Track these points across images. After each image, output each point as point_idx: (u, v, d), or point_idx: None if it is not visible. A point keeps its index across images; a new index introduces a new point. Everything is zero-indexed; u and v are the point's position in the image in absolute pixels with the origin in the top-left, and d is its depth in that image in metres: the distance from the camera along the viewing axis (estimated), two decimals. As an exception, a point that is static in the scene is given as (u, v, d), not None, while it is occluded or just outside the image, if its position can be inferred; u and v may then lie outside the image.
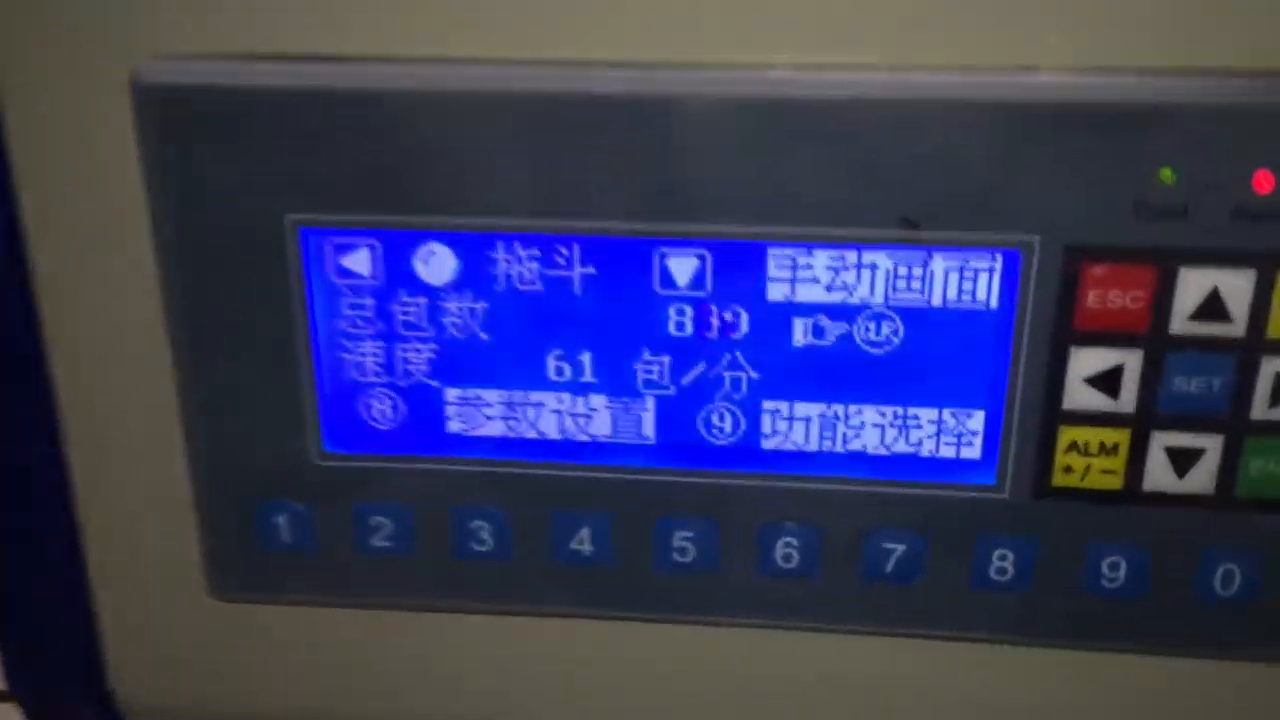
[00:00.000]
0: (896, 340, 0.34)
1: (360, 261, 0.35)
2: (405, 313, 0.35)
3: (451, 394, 0.36)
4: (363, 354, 0.36)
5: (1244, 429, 0.34)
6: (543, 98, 0.32)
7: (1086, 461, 0.34)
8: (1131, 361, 0.33)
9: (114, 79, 0.33)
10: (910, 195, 0.32)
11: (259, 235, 0.34)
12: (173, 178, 0.34)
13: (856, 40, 0.32)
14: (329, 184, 0.33)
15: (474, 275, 0.34)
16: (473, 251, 0.34)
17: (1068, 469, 0.35)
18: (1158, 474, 0.34)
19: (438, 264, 0.34)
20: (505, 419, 0.36)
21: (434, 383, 0.36)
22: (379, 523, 0.37)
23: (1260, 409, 0.33)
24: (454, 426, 0.36)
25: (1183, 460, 0.34)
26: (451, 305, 0.35)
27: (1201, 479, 0.34)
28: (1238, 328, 0.33)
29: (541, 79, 0.32)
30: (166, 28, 0.33)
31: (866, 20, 0.32)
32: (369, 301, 0.35)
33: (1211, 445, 0.34)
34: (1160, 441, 0.34)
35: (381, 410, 0.36)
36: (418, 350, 0.35)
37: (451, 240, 0.34)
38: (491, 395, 0.36)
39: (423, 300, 0.35)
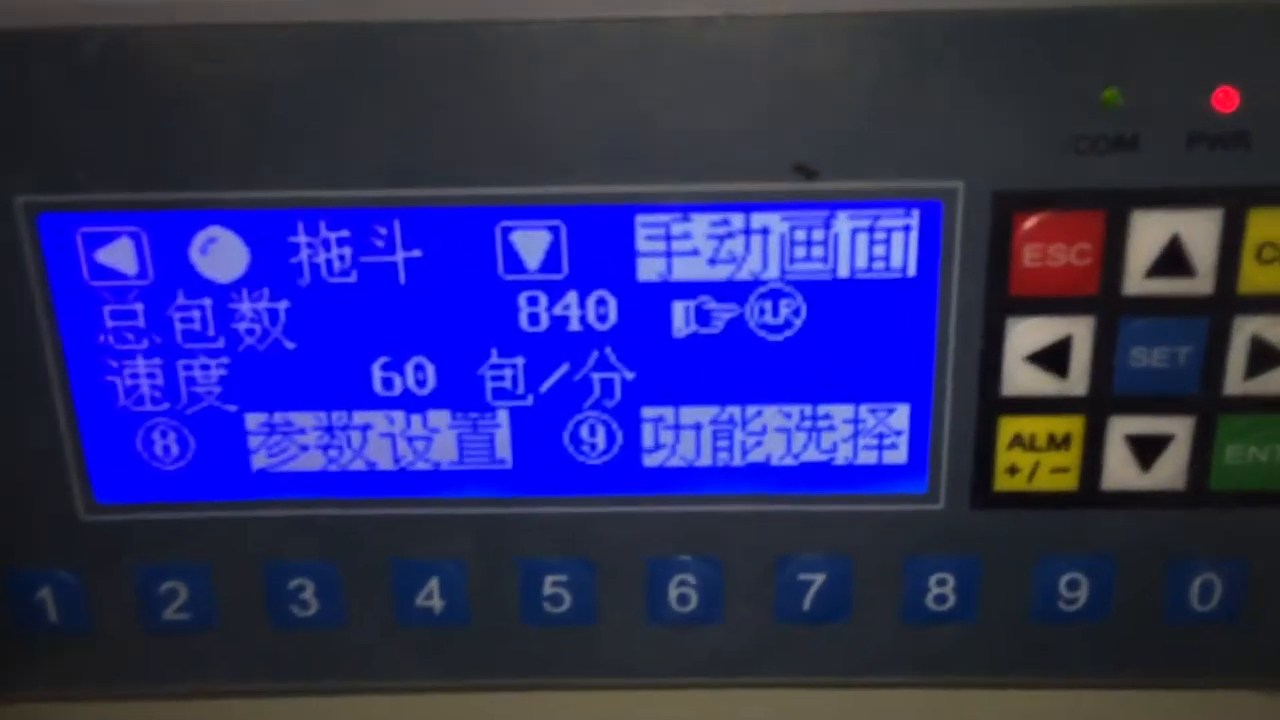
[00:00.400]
0: (798, 322, 0.30)
1: (121, 255, 0.29)
2: (185, 319, 0.30)
3: (253, 420, 0.31)
4: (134, 375, 0.31)
5: (1216, 406, 0.30)
6: (339, 28, 0.27)
7: (1034, 459, 0.31)
8: (1081, 332, 0.30)
9: None
10: (804, 136, 0.28)
11: None
12: None
13: None
14: (72, 154, 0.28)
15: (270, 267, 0.30)
16: (266, 236, 0.29)
17: (1012, 469, 0.31)
18: (1119, 469, 0.31)
19: (222, 254, 0.29)
20: (324, 448, 0.31)
21: (230, 407, 0.31)
22: (171, 589, 0.32)
23: (1235, 382, 0.30)
24: (260, 461, 0.32)
25: (1147, 450, 0.31)
26: (244, 307, 0.30)
27: (1170, 472, 0.31)
28: (1204, 283, 0.29)
29: (343, 6, 0.27)
30: None
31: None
32: (137, 306, 0.30)
33: (1180, 430, 0.31)
34: (1120, 429, 0.31)
35: (164, 446, 0.31)
36: (205, 366, 0.31)
37: (237, 222, 0.29)
38: (304, 419, 0.31)
39: (207, 302, 0.30)
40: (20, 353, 0.30)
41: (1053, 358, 0.30)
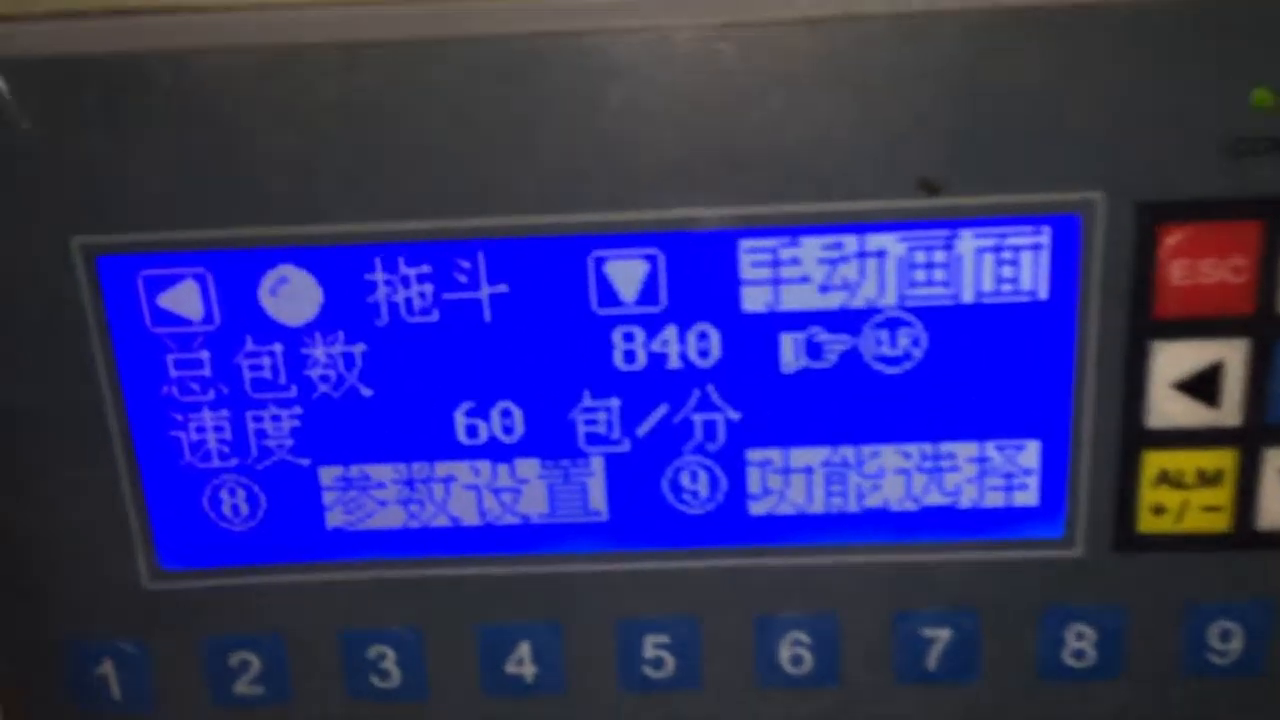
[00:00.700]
0: (918, 353, 0.28)
1: (186, 299, 0.28)
2: (255, 366, 0.29)
3: (328, 475, 0.30)
4: (200, 429, 0.29)
5: (1391, 436, 0.28)
6: (418, 47, 0.26)
7: (1182, 496, 0.29)
8: (1234, 356, 0.28)
9: None
10: (924, 148, 0.26)
11: (37, 268, 0.28)
12: None
13: None
14: (132, 191, 0.27)
15: (345, 307, 0.28)
16: (340, 274, 0.28)
17: (1158, 509, 0.29)
18: (1277, 507, 0.29)
19: (294, 295, 0.28)
20: (404, 503, 0.30)
21: (302, 461, 0.30)
22: (242, 660, 0.31)
23: None
24: (335, 519, 0.30)
25: (1311, 485, 0.29)
26: (317, 351, 0.29)
27: (1336, 508, 0.29)
28: (1375, 297, 0.27)
29: (414, 21, 0.26)
30: None
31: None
32: (203, 354, 0.29)
33: (1347, 461, 0.29)
34: (1277, 462, 0.29)
35: (233, 505, 0.30)
36: (276, 418, 0.29)
37: (310, 261, 0.28)
38: (383, 472, 0.30)
39: (277, 347, 0.29)
40: (79, 407, 0.29)
41: (1203, 385, 0.28)
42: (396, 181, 0.27)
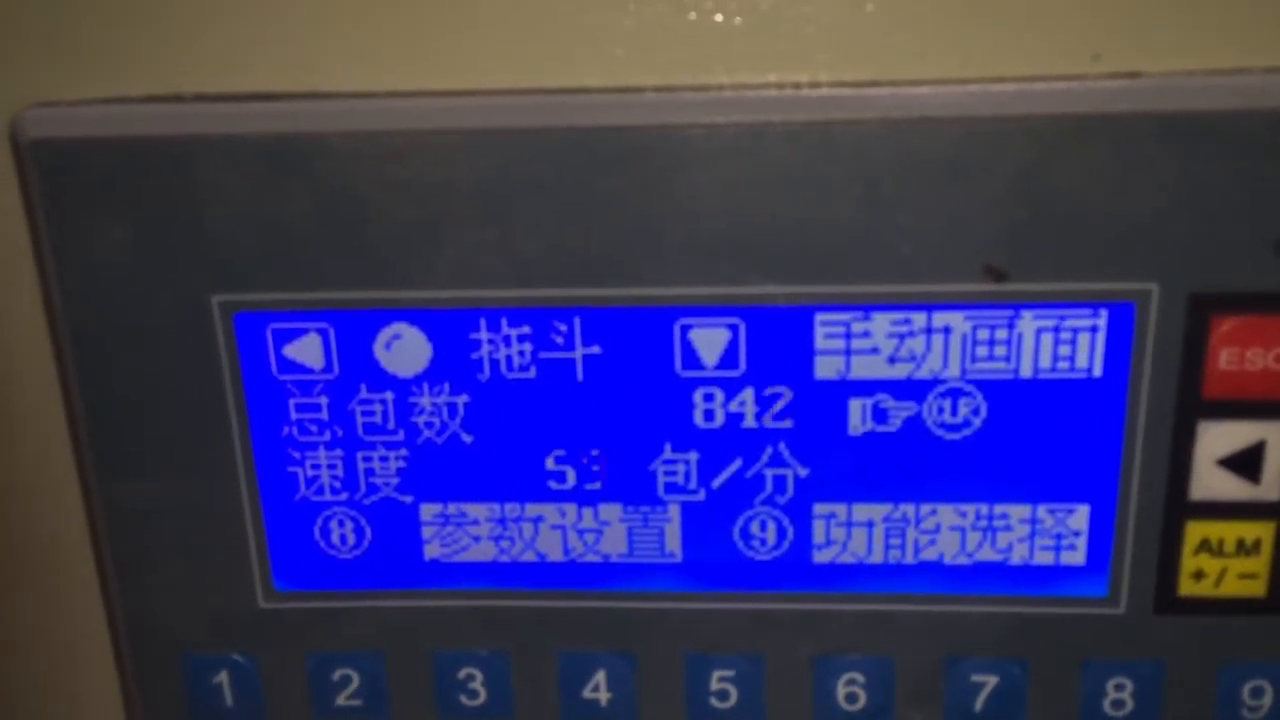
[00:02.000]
0: (977, 421, 0.29)
1: (309, 351, 0.30)
2: (367, 412, 0.30)
3: (428, 511, 0.31)
4: (315, 466, 0.31)
5: None
6: (528, 135, 0.27)
7: (1221, 564, 0.30)
8: (1275, 437, 0.29)
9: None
10: (992, 237, 0.27)
11: (180, 322, 0.29)
12: (69, 255, 0.29)
13: (914, 49, 0.27)
14: (265, 255, 0.28)
15: (451, 362, 0.30)
16: (448, 333, 0.29)
17: (1198, 574, 0.30)
18: None
19: (406, 350, 0.29)
20: (496, 539, 0.31)
21: (406, 498, 0.31)
22: (344, 676, 0.32)
23: None
24: (433, 551, 0.31)
25: (1344, 558, 0.29)
26: (424, 401, 0.30)
27: (1367, 580, 0.29)
28: None
29: (526, 111, 0.27)
30: (51, 68, 0.28)
31: (928, 23, 0.27)
32: (321, 400, 0.30)
33: (1380, 538, 0.29)
34: None
35: (342, 535, 0.31)
36: (384, 459, 0.31)
37: (422, 320, 0.29)
38: (478, 510, 0.31)
39: (389, 395, 0.30)
40: (211, 442, 0.30)
41: (1245, 462, 0.29)
42: (503, 253, 0.28)
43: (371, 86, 0.27)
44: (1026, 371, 0.29)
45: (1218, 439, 0.29)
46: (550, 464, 0.30)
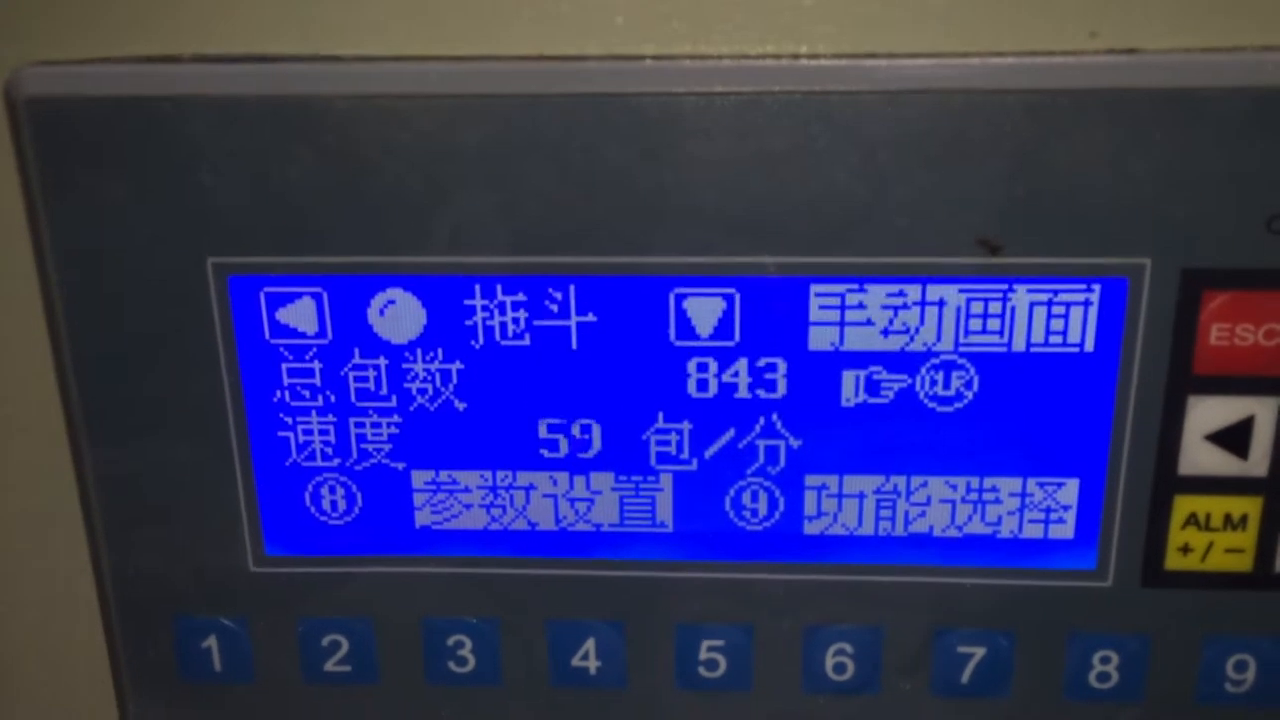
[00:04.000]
0: (969, 395, 0.29)
1: (302, 315, 0.30)
2: (360, 378, 0.30)
3: (420, 478, 0.31)
4: (308, 431, 0.31)
5: (1406, 492, 0.29)
6: (527, 101, 0.27)
7: (1208, 539, 0.30)
8: (1264, 413, 0.29)
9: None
10: (987, 211, 0.27)
11: (174, 285, 0.29)
12: (63, 214, 0.28)
13: (912, 22, 0.27)
14: (261, 218, 0.28)
15: (445, 329, 0.29)
16: (443, 299, 0.29)
17: (1185, 549, 0.30)
18: None
19: (399, 316, 0.29)
20: (487, 507, 0.31)
21: (398, 464, 0.31)
22: (333, 641, 0.32)
23: None
24: (424, 518, 0.31)
25: (1330, 534, 0.30)
26: (417, 367, 0.30)
27: (1352, 556, 0.30)
28: (1398, 366, 0.28)
29: (525, 77, 0.27)
30: (48, 27, 0.27)
31: (928, -5, 0.27)
32: (314, 365, 0.30)
33: (1365, 514, 0.29)
34: None
35: (333, 501, 0.31)
36: (377, 425, 0.31)
37: (416, 286, 0.29)
38: (470, 478, 0.31)
39: (382, 361, 0.30)
40: (203, 404, 0.30)
41: (1234, 438, 0.29)
42: (499, 220, 0.28)
43: (371, 50, 0.27)
44: (1019, 345, 0.29)
45: (1207, 414, 0.29)
46: (543, 432, 0.30)
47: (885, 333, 0.29)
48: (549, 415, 0.30)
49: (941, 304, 0.28)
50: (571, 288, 0.29)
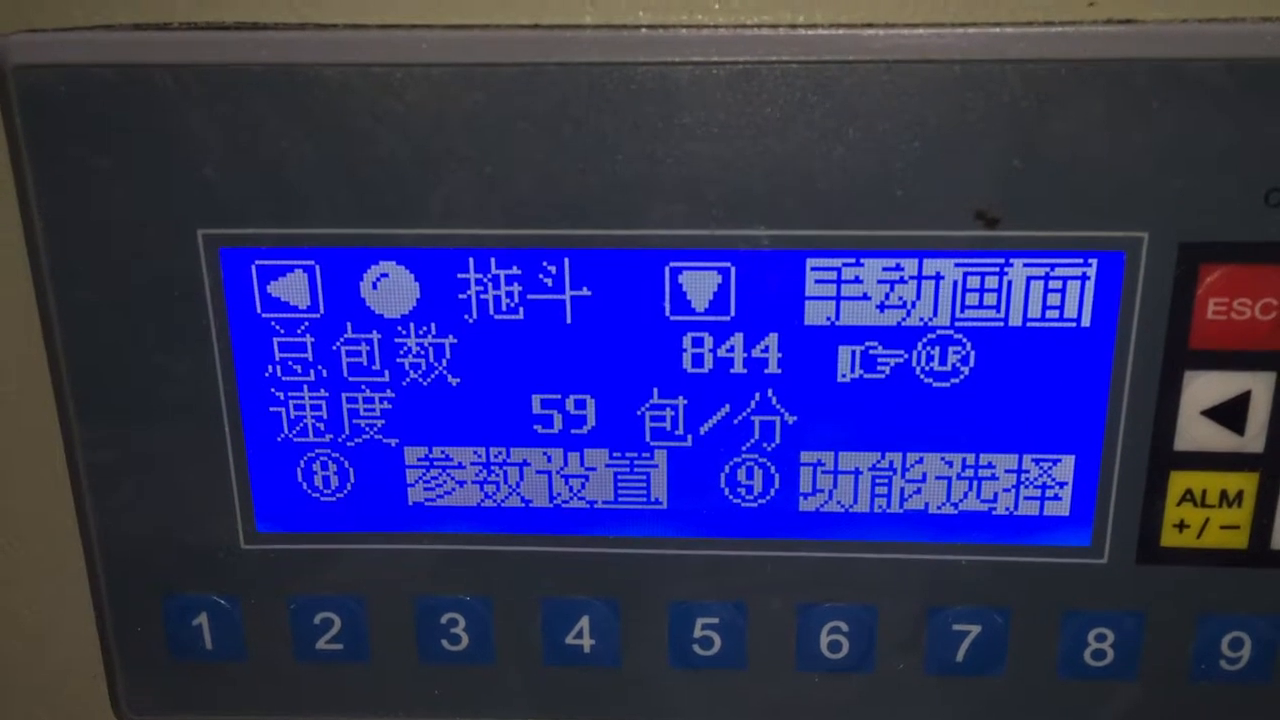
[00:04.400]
0: (965, 370, 0.29)
1: (294, 289, 0.29)
2: (353, 352, 0.30)
3: (412, 454, 0.31)
4: (300, 407, 0.30)
5: (1402, 468, 0.29)
6: (522, 70, 0.27)
7: (1204, 515, 0.30)
8: (1260, 388, 0.29)
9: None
10: (984, 183, 0.27)
11: (165, 257, 0.29)
12: (51, 184, 0.28)
13: None
14: (252, 189, 0.28)
15: (438, 302, 0.29)
16: (436, 273, 0.29)
17: (1180, 525, 0.30)
18: None
19: (392, 290, 0.29)
20: (480, 484, 0.31)
21: (391, 441, 0.31)
22: (325, 620, 0.32)
23: None
24: (417, 495, 0.31)
25: (1325, 509, 0.29)
26: (411, 341, 0.30)
27: (1348, 533, 0.30)
28: (1394, 341, 0.28)
29: (520, 46, 0.27)
30: None
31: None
32: (306, 339, 0.30)
33: (1361, 490, 0.29)
34: None
35: (325, 477, 0.31)
36: (369, 400, 0.30)
37: (409, 259, 0.29)
38: (463, 454, 0.31)
39: (375, 336, 0.30)
40: (193, 378, 0.30)
41: (1230, 413, 0.29)
42: (493, 191, 0.27)
43: (364, 18, 0.27)
44: (1015, 320, 0.29)
45: (1203, 389, 0.29)
46: (537, 408, 0.30)
47: (881, 307, 0.29)
48: (543, 390, 0.30)
49: (938, 278, 0.28)
50: (566, 261, 0.28)
